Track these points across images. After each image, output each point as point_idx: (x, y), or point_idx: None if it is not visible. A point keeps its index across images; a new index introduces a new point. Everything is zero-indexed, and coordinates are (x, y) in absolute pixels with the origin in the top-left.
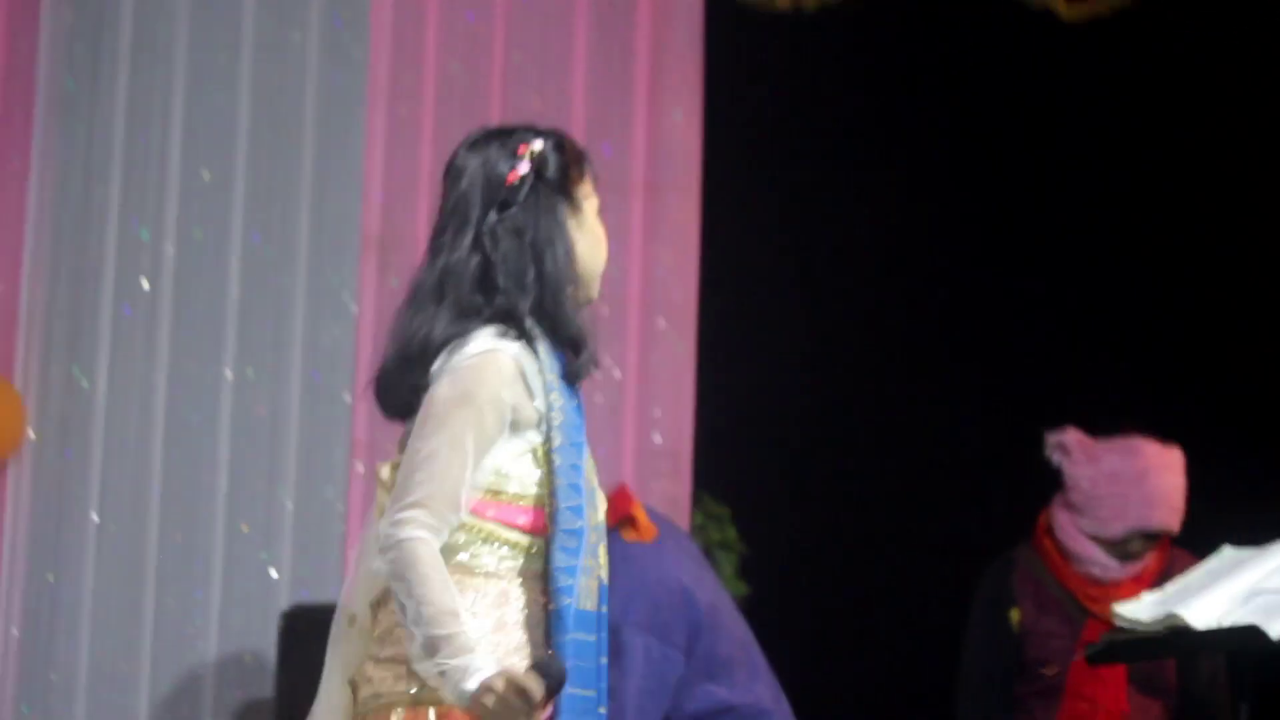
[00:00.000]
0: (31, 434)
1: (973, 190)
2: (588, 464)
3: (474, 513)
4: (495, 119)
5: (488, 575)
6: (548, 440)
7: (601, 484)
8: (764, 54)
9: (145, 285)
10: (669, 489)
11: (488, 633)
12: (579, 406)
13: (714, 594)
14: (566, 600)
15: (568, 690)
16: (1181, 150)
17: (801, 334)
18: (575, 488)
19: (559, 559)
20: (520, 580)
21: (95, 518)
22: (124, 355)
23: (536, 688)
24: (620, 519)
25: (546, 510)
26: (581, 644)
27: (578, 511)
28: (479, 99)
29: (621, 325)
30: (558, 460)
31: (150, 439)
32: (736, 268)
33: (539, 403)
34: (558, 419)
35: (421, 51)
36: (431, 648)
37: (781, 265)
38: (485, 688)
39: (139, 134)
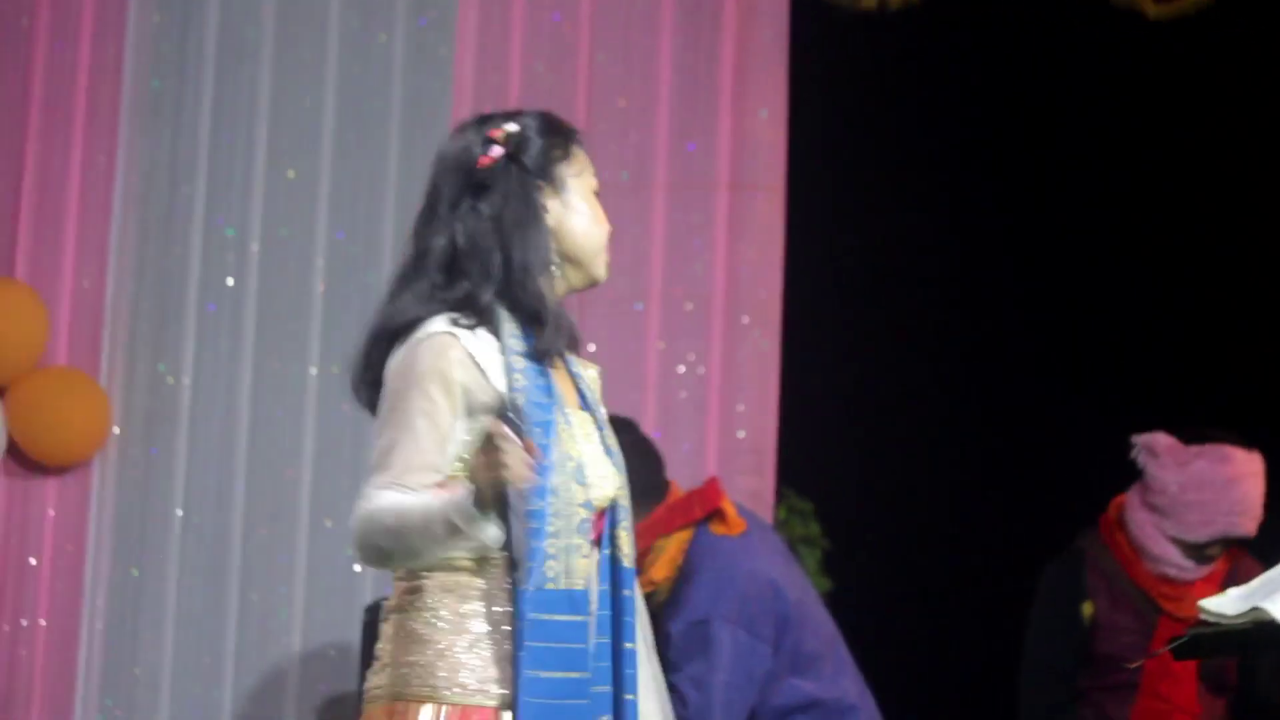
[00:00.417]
0: (116, 430)
1: (1059, 188)
2: (570, 440)
3: None
4: (580, 120)
5: (452, 566)
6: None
7: (685, 479)
8: (849, 52)
9: (230, 282)
10: (753, 484)
11: (448, 626)
12: (548, 386)
13: (801, 589)
14: (526, 583)
15: (542, 674)
16: None
17: (884, 330)
18: (536, 468)
19: (521, 541)
20: (486, 564)
21: (180, 513)
22: (209, 352)
23: (502, 433)
24: (709, 512)
25: None
26: (558, 625)
27: (538, 492)
28: (564, 99)
29: (706, 322)
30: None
31: (235, 435)
32: (821, 265)
33: (499, 385)
34: (520, 399)
35: (507, 52)
36: (428, 531)
37: (865, 262)
38: (474, 488)
39: (224, 133)
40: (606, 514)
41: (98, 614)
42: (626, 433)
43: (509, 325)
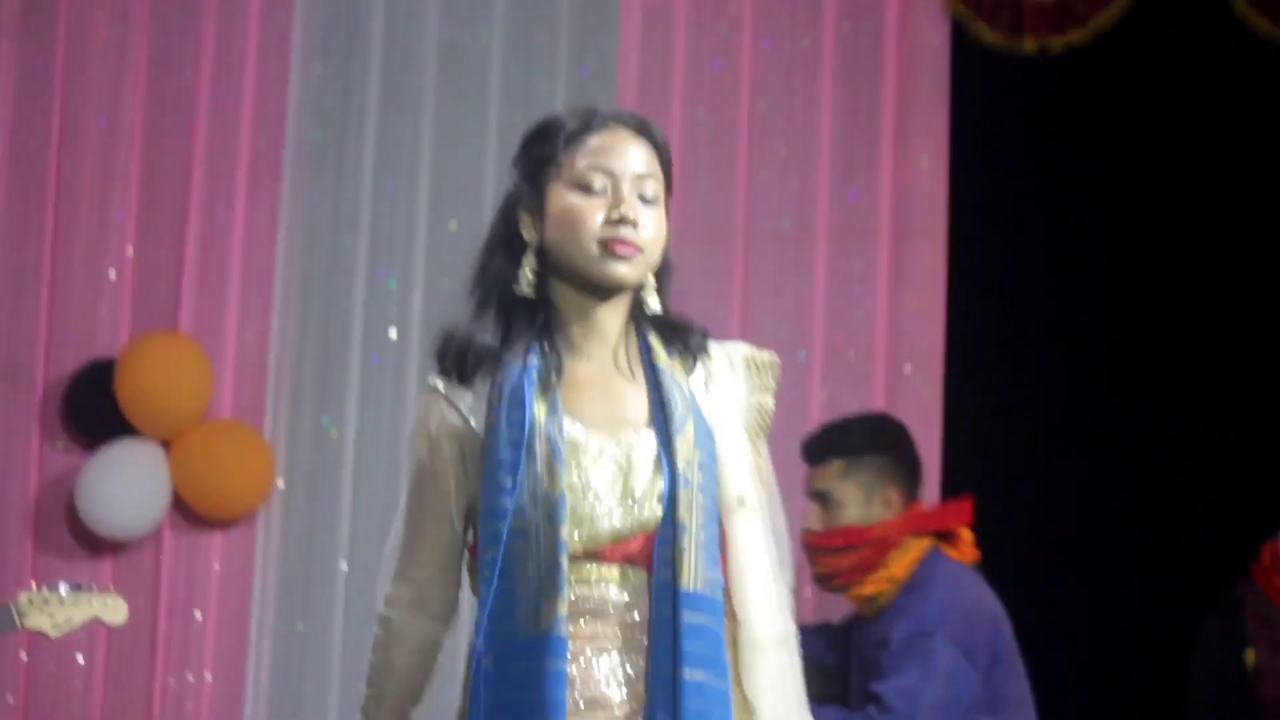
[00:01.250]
0: (281, 484)
1: (1228, 230)
2: (550, 477)
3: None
4: (741, 166)
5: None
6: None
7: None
8: (1011, 97)
9: (393, 334)
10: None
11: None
12: (522, 419)
13: (1011, 632)
14: (476, 636)
15: None
16: None
17: (1048, 379)
18: (494, 511)
19: (480, 590)
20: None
21: (344, 567)
22: (372, 404)
23: None
24: (948, 531)
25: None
26: (522, 674)
27: (493, 538)
28: (725, 146)
29: (868, 370)
30: (484, 480)
31: (398, 488)
32: (983, 313)
33: (473, 421)
34: (490, 437)
35: (668, 99)
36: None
37: (1027, 310)
38: None
39: (387, 184)
40: (657, 536)
41: (263, 668)
42: (886, 433)
43: (514, 355)
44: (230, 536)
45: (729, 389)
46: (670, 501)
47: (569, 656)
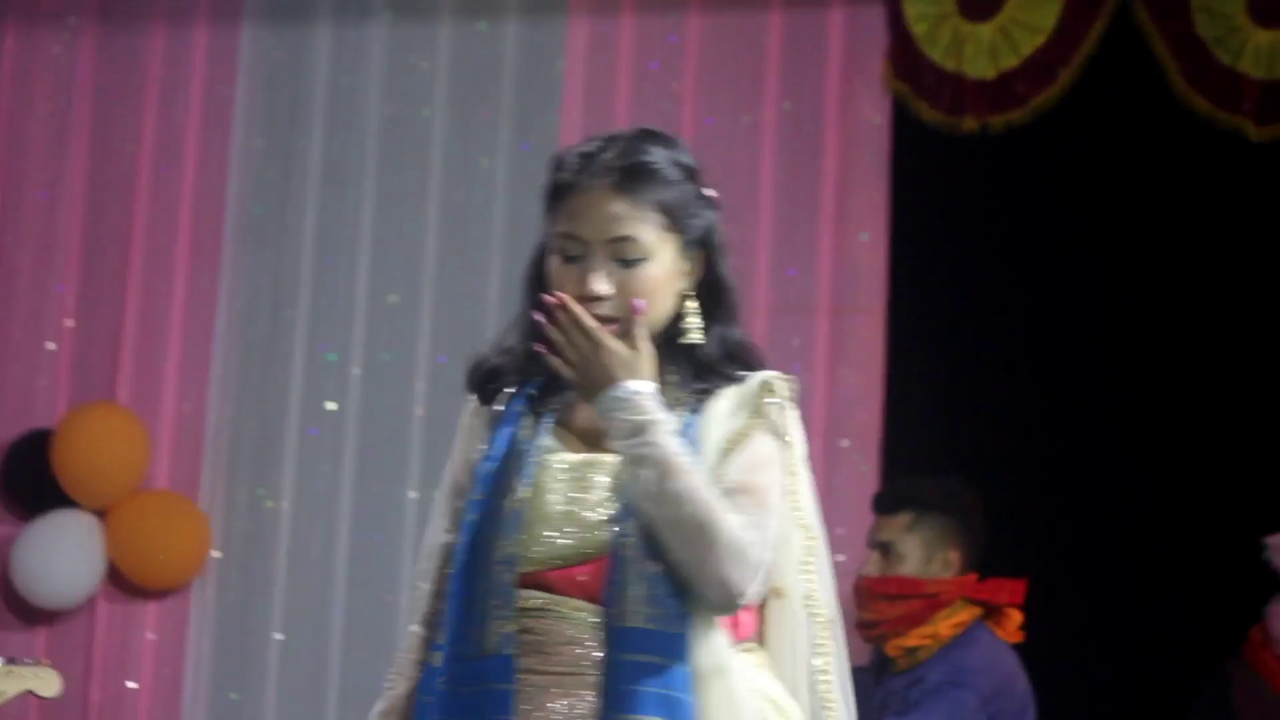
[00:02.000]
0: (216, 554)
1: (1160, 306)
2: (507, 493)
3: None
4: None
5: None
6: None
7: None
8: (951, 174)
9: (331, 406)
10: (848, 606)
11: None
12: (510, 433)
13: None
14: (431, 656)
15: None
16: None
17: (985, 454)
18: (464, 525)
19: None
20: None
21: (279, 637)
22: (309, 476)
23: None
24: (998, 605)
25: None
26: (459, 696)
27: (460, 548)
28: None
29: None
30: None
31: (334, 558)
32: (921, 388)
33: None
34: (491, 433)
35: None
36: None
37: (966, 385)
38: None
39: (327, 258)
40: (607, 569)
41: None
42: (958, 496)
43: (531, 379)
44: (165, 606)
45: (724, 424)
46: (620, 535)
47: (517, 688)
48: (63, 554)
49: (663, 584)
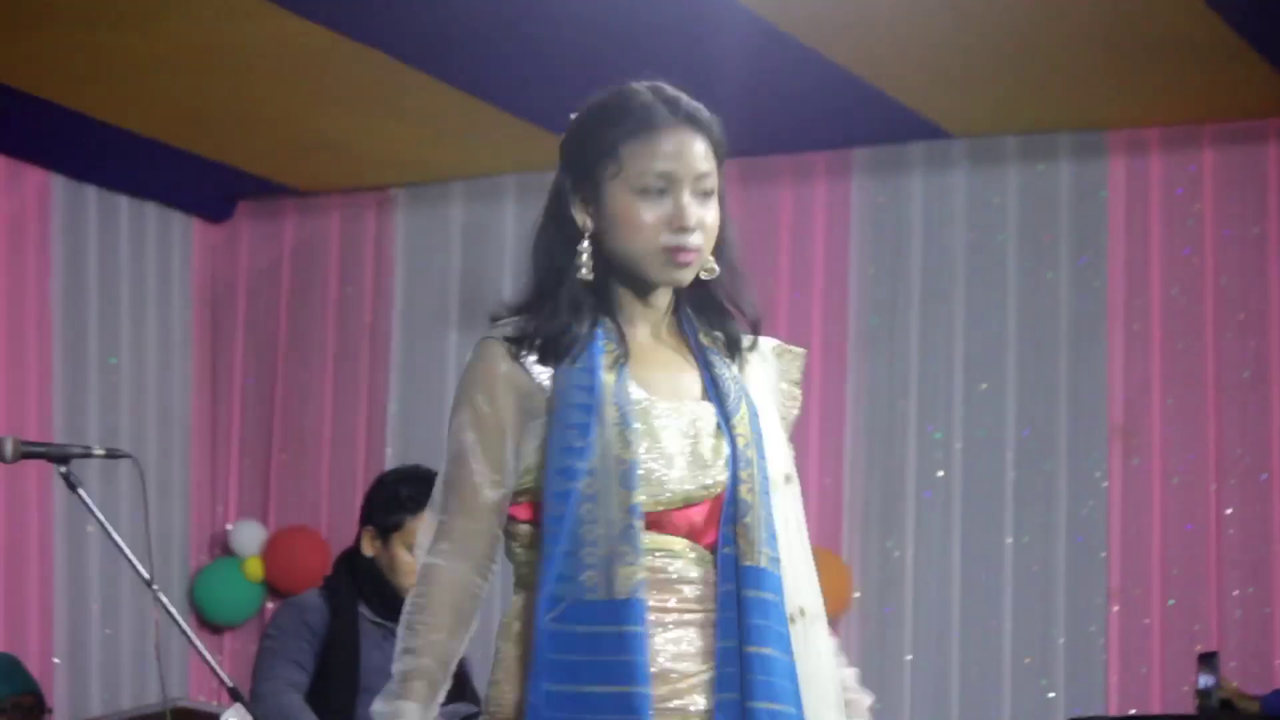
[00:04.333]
0: (857, 594)
1: None
2: (621, 442)
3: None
4: (1209, 334)
5: (519, 581)
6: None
7: None
8: None
9: (940, 474)
10: None
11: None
12: (592, 385)
13: None
14: (538, 594)
15: (568, 688)
16: None
17: None
18: (564, 471)
19: (544, 549)
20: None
21: (909, 657)
22: (925, 530)
23: None
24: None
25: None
26: (593, 637)
27: (562, 496)
28: (1195, 315)
29: None
30: (551, 441)
31: (949, 594)
32: None
33: (542, 380)
34: (557, 399)
35: (1148, 280)
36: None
37: None
38: None
39: (930, 356)
40: (721, 513)
41: None
42: None
43: (579, 327)
44: None
45: (762, 375)
46: (733, 478)
47: (646, 630)
48: None
49: (770, 528)
